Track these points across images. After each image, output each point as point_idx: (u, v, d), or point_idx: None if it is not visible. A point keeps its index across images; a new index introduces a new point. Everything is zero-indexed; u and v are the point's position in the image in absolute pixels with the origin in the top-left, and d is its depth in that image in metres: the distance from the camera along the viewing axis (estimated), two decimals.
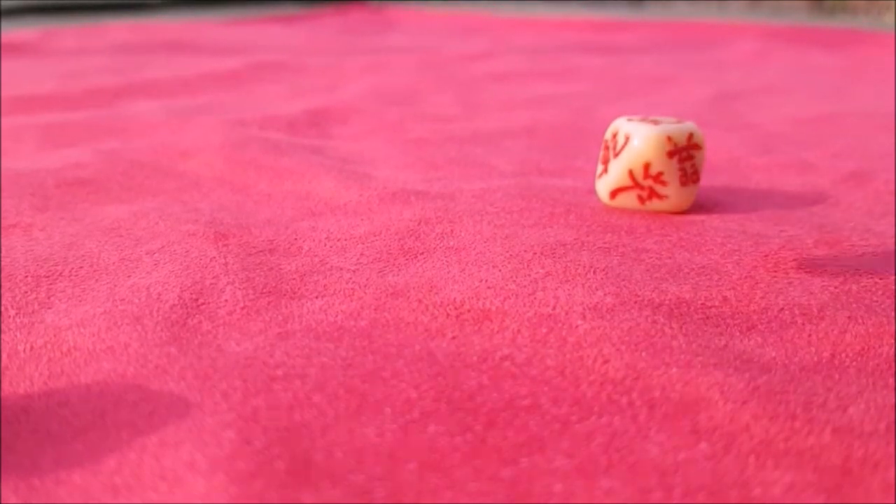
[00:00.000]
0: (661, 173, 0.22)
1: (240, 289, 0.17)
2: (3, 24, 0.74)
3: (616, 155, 0.22)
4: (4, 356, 0.14)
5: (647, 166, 0.22)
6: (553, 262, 0.18)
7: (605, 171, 0.23)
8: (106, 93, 0.40)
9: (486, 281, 0.17)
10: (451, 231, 0.20)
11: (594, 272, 0.17)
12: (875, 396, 0.13)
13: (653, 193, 0.22)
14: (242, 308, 0.16)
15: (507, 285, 0.17)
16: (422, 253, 0.19)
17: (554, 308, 0.16)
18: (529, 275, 0.17)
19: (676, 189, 0.22)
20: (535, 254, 0.18)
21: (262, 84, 0.45)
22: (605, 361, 0.14)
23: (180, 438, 0.12)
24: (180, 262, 0.18)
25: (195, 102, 0.39)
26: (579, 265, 0.18)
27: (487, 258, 0.18)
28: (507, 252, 0.18)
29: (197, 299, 0.16)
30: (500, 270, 0.17)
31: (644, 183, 0.22)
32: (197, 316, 0.16)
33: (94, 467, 0.11)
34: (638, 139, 0.22)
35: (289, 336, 0.15)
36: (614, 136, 0.23)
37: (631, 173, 0.22)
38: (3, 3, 0.84)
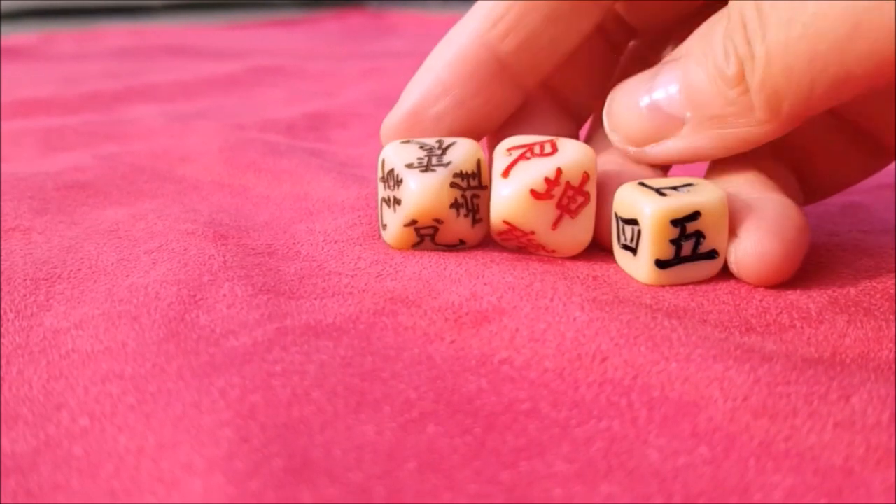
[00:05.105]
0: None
1: (238, 285, 0.17)
2: (3, 27, 0.74)
3: None
4: (3, 360, 0.14)
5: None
6: (551, 264, 0.18)
7: None
8: (105, 97, 0.40)
9: (483, 276, 0.17)
10: None
11: (593, 278, 0.17)
12: (878, 387, 0.13)
13: None
14: (241, 303, 0.16)
15: (504, 278, 0.16)
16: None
17: (552, 299, 0.15)
18: (527, 268, 0.17)
19: None
20: (531, 258, 0.18)
21: (262, 88, 0.45)
22: (604, 359, 0.14)
23: (178, 439, 0.12)
24: (178, 261, 0.18)
25: (194, 106, 0.39)
26: (577, 271, 0.18)
27: (484, 250, 0.18)
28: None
29: (195, 295, 0.16)
30: (496, 264, 0.17)
31: None
32: (195, 310, 0.16)
33: (91, 472, 0.11)
34: None
35: (287, 332, 0.15)
36: None
37: None
38: (3, 6, 0.84)
